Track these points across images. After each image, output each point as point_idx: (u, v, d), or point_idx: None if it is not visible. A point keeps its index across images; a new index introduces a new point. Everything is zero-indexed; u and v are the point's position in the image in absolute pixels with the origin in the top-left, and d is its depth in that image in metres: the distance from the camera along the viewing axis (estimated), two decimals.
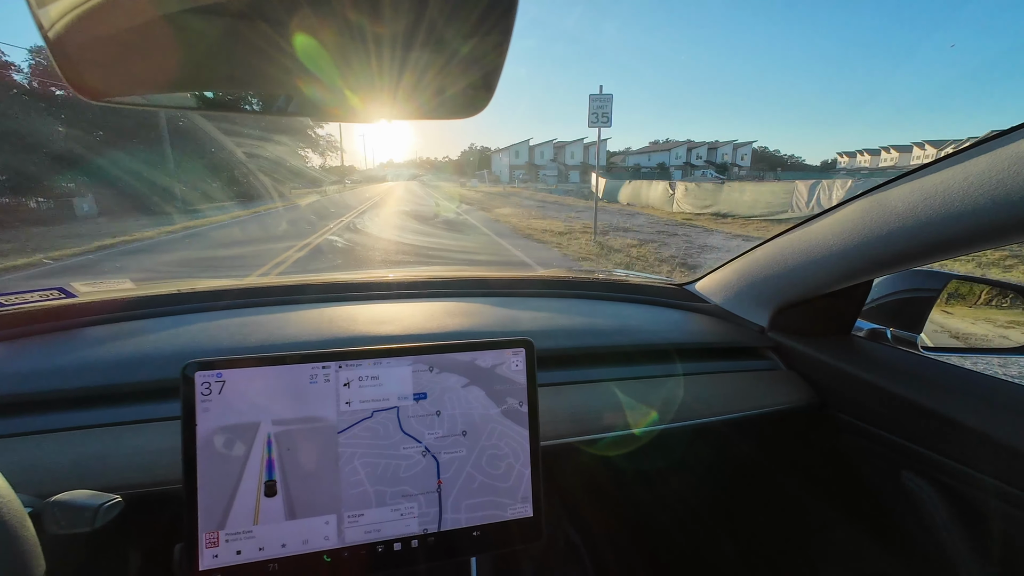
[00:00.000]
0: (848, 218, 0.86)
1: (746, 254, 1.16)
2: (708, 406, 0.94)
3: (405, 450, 0.60)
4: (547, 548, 1.09)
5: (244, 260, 7.84)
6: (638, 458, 0.90)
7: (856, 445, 0.99)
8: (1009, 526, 0.74)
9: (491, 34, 0.36)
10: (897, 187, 0.78)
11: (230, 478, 0.54)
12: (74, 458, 0.65)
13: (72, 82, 0.35)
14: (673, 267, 7.90)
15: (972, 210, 0.65)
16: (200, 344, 0.86)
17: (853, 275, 0.90)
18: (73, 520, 0.51)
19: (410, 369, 0.62)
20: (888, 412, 0.91)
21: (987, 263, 7.67)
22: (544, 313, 1.13)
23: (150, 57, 0.36)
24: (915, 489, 0.86)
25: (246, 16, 0.32)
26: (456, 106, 0.45)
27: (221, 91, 0.42)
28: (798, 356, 1.10)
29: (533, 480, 0.64)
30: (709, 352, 1.12)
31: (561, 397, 0.89)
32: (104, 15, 0.31)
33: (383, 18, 0.33)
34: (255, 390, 0.56)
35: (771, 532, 1.21)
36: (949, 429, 0.81)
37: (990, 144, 0.65)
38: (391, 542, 0.58)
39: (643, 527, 1.24)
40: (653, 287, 1.36)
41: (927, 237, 0.73)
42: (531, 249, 9.37)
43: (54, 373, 0.76)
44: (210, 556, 0.53)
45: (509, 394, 0.65)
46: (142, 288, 1.08)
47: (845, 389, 0.99)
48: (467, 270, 1.41)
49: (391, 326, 0.97)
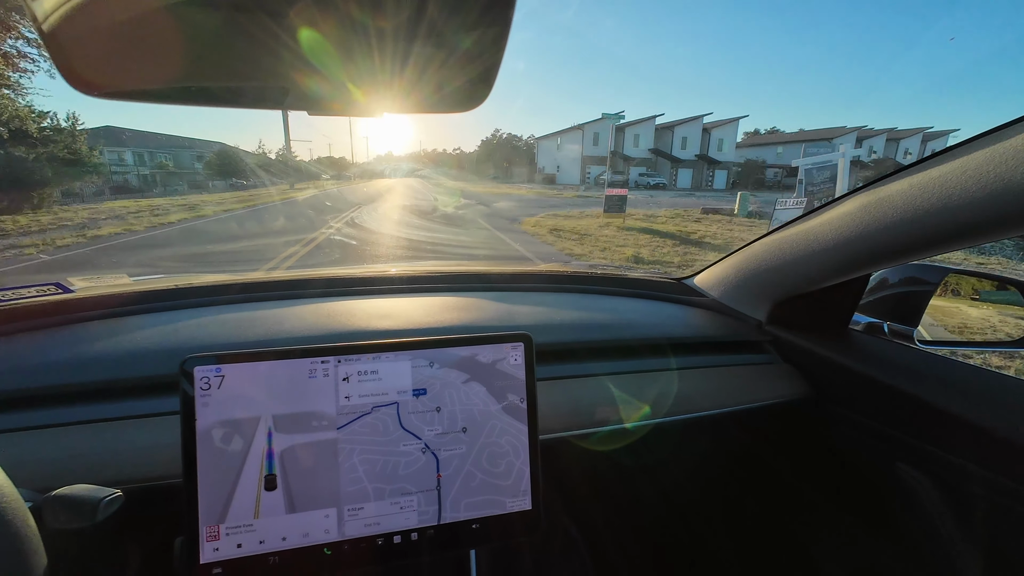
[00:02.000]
0: (846, 212, 0.86)
1: (744, 248, 1.16)
2: (706, 399, 0.95)
3: (405, 447, 0.60)
4: (546, 541, 1.10)
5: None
6: (636, 451, 0.90)
7: (852, 438, 1.00)
8: (1002, 518, 0.75)
9: (491, 28, 0.36)
10: (895, 181, 0.78)
11: (230, 472, 0.54)
12: (74, 453, 0.66)
13: (67, 75, 0.35)
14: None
15: (969, 204, 0.66)
16: (199, 339, 0.86)
17: (850, 269, 0.90)
18: (74, 515, 0.51)
19: (409, 364, 0.62)
20: (884, 405, 0.92)
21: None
22: (543, 307, 1.13)
23: (146, 49, 0.35)
24: (910, 481, 0.87)
25: (245, 7, 0.32)
26: (455, 99, 0.45)
27: (219, 84, 0.41)
28: (795, 350, 1.10)
29: (532, 473, 0.64)
30: (707, 346, 1.12)
31: (560, 391, 0.89)
32: (100, 6, 0.30)
33: (383, 11, 0.32)
34: (254, 385, 0.56)
35: (767, 524, 1.22)
36: (944, 422, 0.82)
37: (988, 139, 0.65)
38: (391, 535, 0.58)
39: (641, 519, 1.25)
40: (652, 281, 1.36)
41: (924, 231, 0.73)
42: None
43: (53, 368, 0.76)
44: (211, 549, 0.53)
45: (510, 390, 0.65)
46: (140, 283, 1.08)
47: (842, 382, 1.00)
48: (466, 264, 1.41)
49: (390, 320, 0.97)
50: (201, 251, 8.39)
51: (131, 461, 0.66)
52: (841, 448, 1.03)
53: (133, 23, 0.32)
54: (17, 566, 0.43)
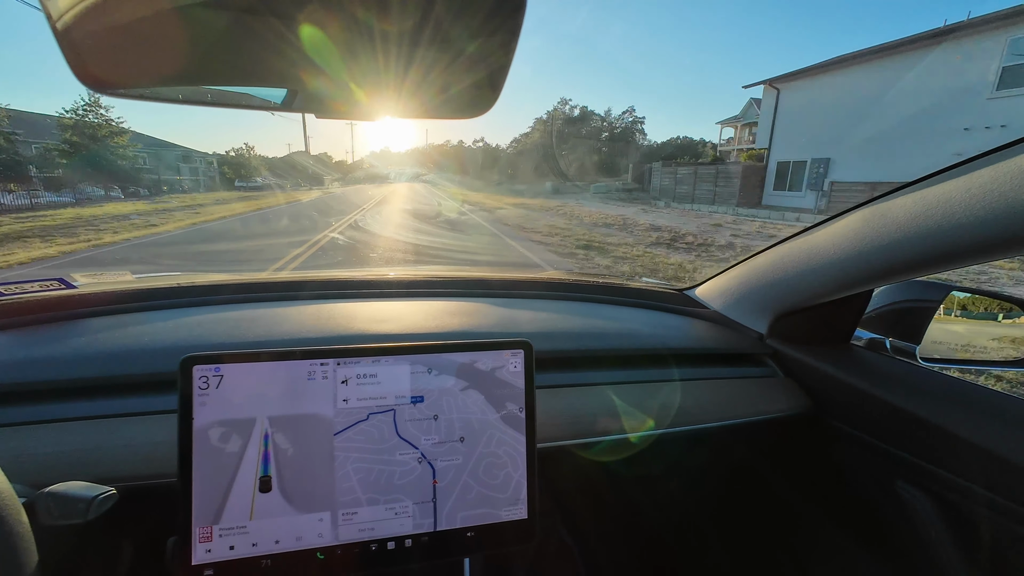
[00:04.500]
0: (849, 227, 0.86)
1: (747, 260, 1.16)
2: (705, 411, 0.94)
3: (401, 456, 0.59)
4: (540, 549, 1.09)
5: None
6: (634, 462, 0.90)
7: (852, 454, 0.99)
8: (1002, 538, 0.74)
9: (498, 33, 0.36)
10: (899, 197, 0.78)
11: (225, 473, 0.54)
12: (69, 449, 0.65)
13: (79, 73, 0.35)
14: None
15: (974, 222, 0.65)
16: (199, 338, 0.86)
17: (853, 284, 0.90)
18: (67, 511, 0.51)
19: (408, 369, 0.61)
20: (885, 422, 0.91)
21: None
22: (544, 314, 1.13)
23: (157, 49, 0.36)
24: (909, 499, 0.86)
25: (254, 9, 0.32)
26: (462, 105, 0.45)
27: (227, 85, 0.42)
28: (796, 364, 1.10)
29: (528, 483, 0.64)
30: (707, 358, 1.12)
31: (559, 399, 0.89)
32: (113, 5, 0.31)
33: (391, 14, 0.33)
34: (252, 385, 0.56)
35: (765, 539, 1.21)
36: (945, 440, 0.81)
37: (992, 156, 0.65)
38: (384, 541, 0.58)
39: (637, 530, 1.24)
40: (653, 292, 1.36)
41: (928, 248, 0.73)
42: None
43: (52, 363, 0.76)
44: (203, 550, 0.53)
45: (509, 399, 0.64)
46: (142, 280, 1.09)
47: (842, 398, 0.99)
48: (467, 270, 1.41)
49: (390, 324, 0.97)
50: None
51: (126, 459, 0.65)
52: (841, 464, 1.02)
53: (145, 23, 0.32)
54: (9, 562, 0.42)
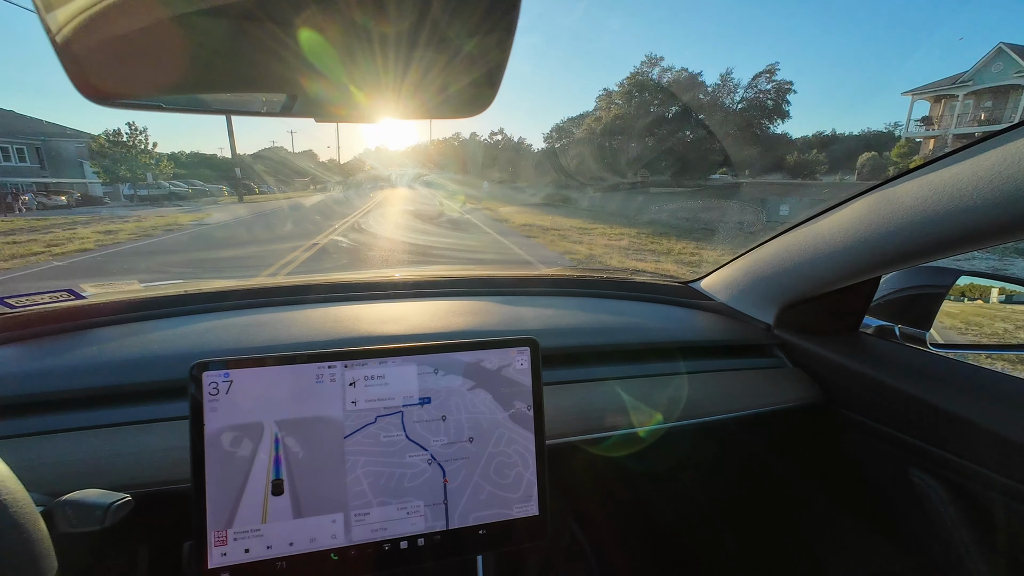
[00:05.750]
0: (856, 214, 0.85)
1: (752, 251, 1.15)
2: (714, 404, 0.94)
3: (411, 458, 0.60)
4: (552, 546, 1.09)
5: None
6: (644, 456, 0.90)
7: (863, 443, 0.98)
8: (1018, 524, 0.74)
9: (494, 31, 0.36)
10: (905, 182, 0.77)
11: (238, 477, 0.54)
12: (84, 457, 0.66)
13: (80, 85, 0.36)
14: None
15: (982, 205, 0.65)
16: (207, 344, 0.87)
17: (860, 271, 0.89)
18: (84, 519, 0.52)
19: (415, 369, 0.61)
20: (896, 410, 0.90)
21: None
22: (550, 311, 1.13)
23: (157, 59, 0.36)
24: (923, 487, 0.86)
25: (252, 16, 0.32)
26: (460, 104, 0.45)
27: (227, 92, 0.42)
28: (805, 353, 1.09)
29: (539, 479, 0.64)
30: (715, 350, 1.11)
31: (567, 395, 0.89)
32: (112, 17, 0.31)
33: (388, 16, 0.33)
34: (262, 390, 0.56)
35: (777, 530, 1.20)
36: (958, 427, 0.80)
37: (1000, 139, 0.64)
38: (397, 540, 0.58)
39: (648, 525, 1.24)
40: (658, 285, 1.36)
41: (936, 233, 0.72)
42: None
43: (64, 373, 0.77)
44: (219, 554, 0.53)
45: (516, 397, 0.64)
46: (150, 289, 1.09)
47: (852, 386, 0.99)
48: (472, 269, 1.41)
49: (396, 325, 0.97)
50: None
51: (140, 466, 0.66)
52: (852, 453, 1.01)
53: (143, 33, 0.32)
54: (28, 569, 0.43)
